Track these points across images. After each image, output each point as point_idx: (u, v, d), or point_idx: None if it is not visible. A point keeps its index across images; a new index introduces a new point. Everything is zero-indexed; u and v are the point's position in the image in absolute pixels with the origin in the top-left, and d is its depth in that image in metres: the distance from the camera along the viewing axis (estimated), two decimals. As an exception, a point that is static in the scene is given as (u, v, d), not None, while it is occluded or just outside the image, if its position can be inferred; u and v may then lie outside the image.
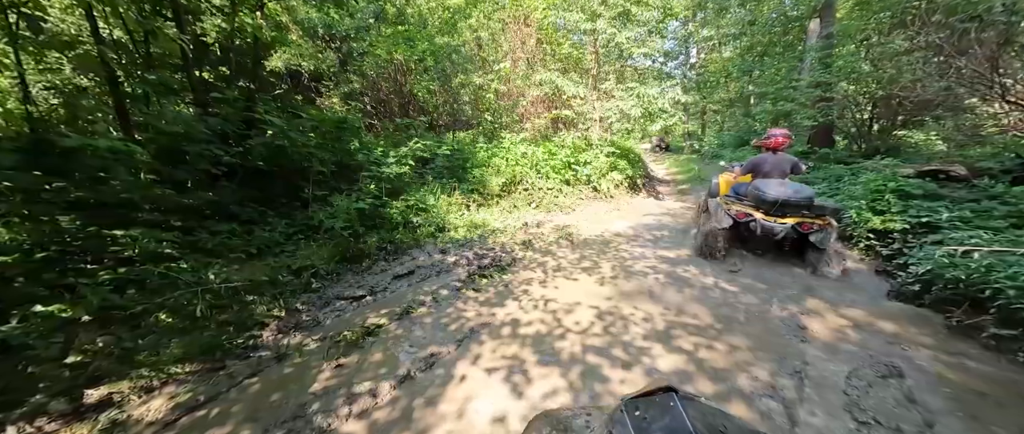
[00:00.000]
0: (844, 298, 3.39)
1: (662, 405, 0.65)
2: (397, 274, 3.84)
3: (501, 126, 10.34)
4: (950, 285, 3.08)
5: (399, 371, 2.23)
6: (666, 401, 0.66)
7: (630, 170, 9.04)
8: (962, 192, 4.63)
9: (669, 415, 0.63)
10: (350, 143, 5.20)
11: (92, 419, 1.78)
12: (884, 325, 2.93)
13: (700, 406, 0.67)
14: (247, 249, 3.45)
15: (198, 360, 2.19)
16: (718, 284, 3.61)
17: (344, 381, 2.12)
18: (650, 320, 2.96)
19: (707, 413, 0.66)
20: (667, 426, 0.61)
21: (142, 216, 2.85)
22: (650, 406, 0.65)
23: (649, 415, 0.64)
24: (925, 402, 2.01)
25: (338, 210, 4.21)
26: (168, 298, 2.39)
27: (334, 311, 3.02)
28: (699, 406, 0.67)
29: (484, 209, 6.53)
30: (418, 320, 2.90)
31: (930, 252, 3.49)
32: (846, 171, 6.86)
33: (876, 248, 4.38)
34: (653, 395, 0.68)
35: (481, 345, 2.57)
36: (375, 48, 9.87)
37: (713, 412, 0.67)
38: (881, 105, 7.98)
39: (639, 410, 0.65)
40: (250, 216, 3.98)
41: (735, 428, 0.64)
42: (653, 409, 0.65)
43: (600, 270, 4.04)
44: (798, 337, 2.77)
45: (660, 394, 0.68)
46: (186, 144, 3.71)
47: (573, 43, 11.02)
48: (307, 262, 3.45)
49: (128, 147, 2.48)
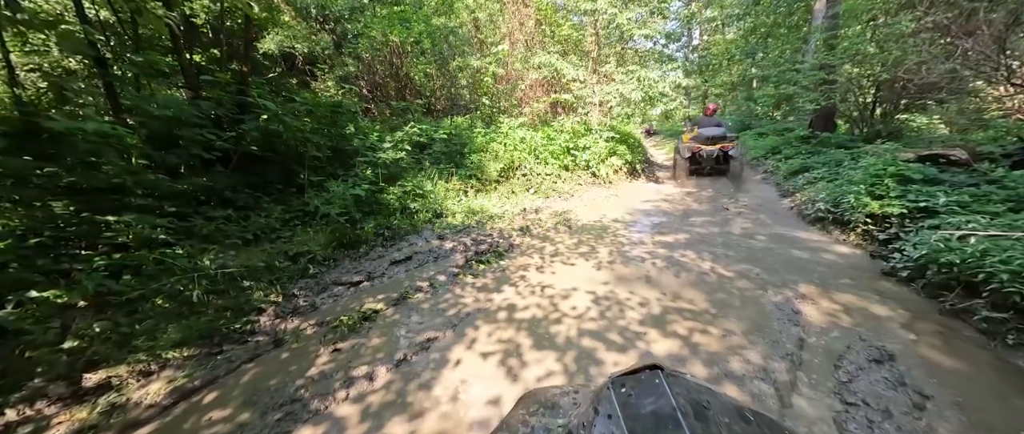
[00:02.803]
0: (839, 282, 3.41)
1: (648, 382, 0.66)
2: (394, 260, 3.85)
3: (499, 110, 10.21)
4: (944, 269, 3.10)
5: (396, 355, 2.25)
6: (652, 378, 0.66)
7: (629, 155, 8.97)
8: (962, 177, 4.61)
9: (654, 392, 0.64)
10: (345, 128, 5.12)
11: (91, 402, 1.80)
12: (877, 309, 2.95)
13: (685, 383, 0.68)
14: (243, 235, 3.44)
15: (195, 345, 2.21)
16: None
17: (341, 365, 2.14)
18: (646, 305, 2.98)
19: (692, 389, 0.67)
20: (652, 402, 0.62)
21: (135, 201, 2.82)
22: (636, 383, 0.66)
23: (635, 392, 0.65)
24: (917, 385, 2.04)
25: (334, 196, 4.18)
26: (164, 284, 2.40)
27: (331, 296, 3.03)
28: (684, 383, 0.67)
29: (482, 195, 6.50)
30: (415, 305, 2.91)
31: (926, 236, 3.49)
32: (846, 156, 6.82)
33: (873, 233, 4.38)
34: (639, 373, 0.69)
35: (477, 330, 2.59)
36: (370, 29, 9.65)
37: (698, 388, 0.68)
38: (885, 88, 7.86)
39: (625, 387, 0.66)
40: (245, 202, 3.95)
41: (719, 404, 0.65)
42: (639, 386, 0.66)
43: (597, 255, 4.05)
44: (792, 321, 2.79)
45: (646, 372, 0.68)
46: (178, 128, 3.65)
47: (573, 24, 10.78)
48: (304, 248, 3.45)
49: (116, 131, 2.44)
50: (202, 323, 2.30)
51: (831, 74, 8.20)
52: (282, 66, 10.07)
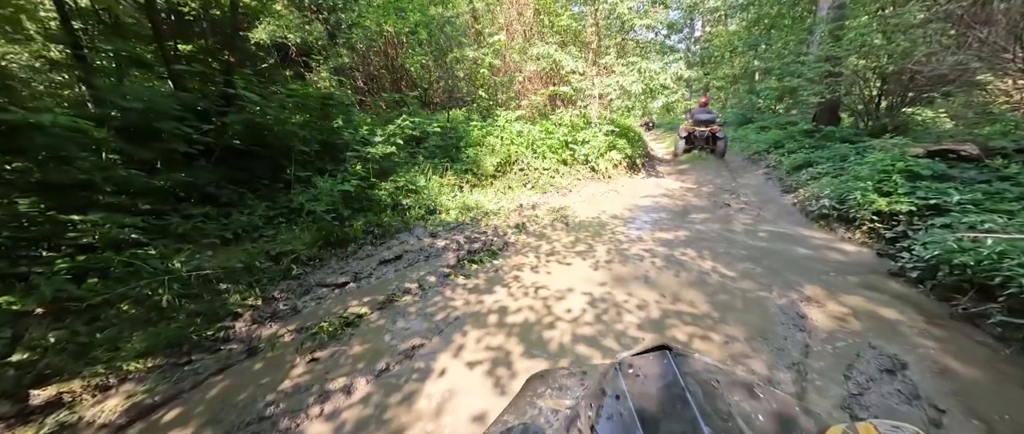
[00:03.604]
0: (845, 283, 3.27)
1: (656, 362, 0.66)
2: (383, 259, 3.70)
3: (497, 103, 9.99)
4: (957, 271, 2.96)
5: (377, 365, 2.11)
6: (660, 358, 0.67)
7: (629, 149, 8.78)
8: (973, 173, 4.45)
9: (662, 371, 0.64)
10: (336, 121, 4.93)
11: (38, 422, 1.65)
12: (886, 312, 2.82)
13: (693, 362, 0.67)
14: (223, 233, 3.27)
15: (162, 354, 2.06)
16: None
17: (317, 377, 2.00)
18: (645, 308, 2.84)
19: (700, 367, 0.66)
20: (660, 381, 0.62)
21: (103, 199, 2.66)
22: (644, 364, 0.66)
23: (643, 372, 0.65)
24: (931, 398, 1.91)
25: (321, 192, 4.01)
26: (132, 287, 2.24)
27: (314, 299, 2.89)
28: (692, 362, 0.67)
29: (478, 190, 6.34)
30: (402, 309, 2.77)
31: (938, 236, 3.35)
32: (851, 150, 6.64)
33: (879, 231, 4.23)
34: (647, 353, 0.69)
35: (465, 335, 2.45)
36: (364, 19, 9.39)
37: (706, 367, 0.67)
38: (891, 81, 7.66)
39: (633, 368, 0.66)
40: (229, 198, 3.78)
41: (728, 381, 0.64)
42: (646, 366, 0.66)
43: (595, 254, 3.90)
44: (797, 326, 2.66)
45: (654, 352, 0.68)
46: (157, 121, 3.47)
47: (572, 14, 10.50)
48: (287, 247, 3.29)
49: (77, 124, 2.27)
50: (171, 330, 2.15)
51: (837, 66, 7.98)
52: (275, 57, 9.83)
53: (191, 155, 3.94)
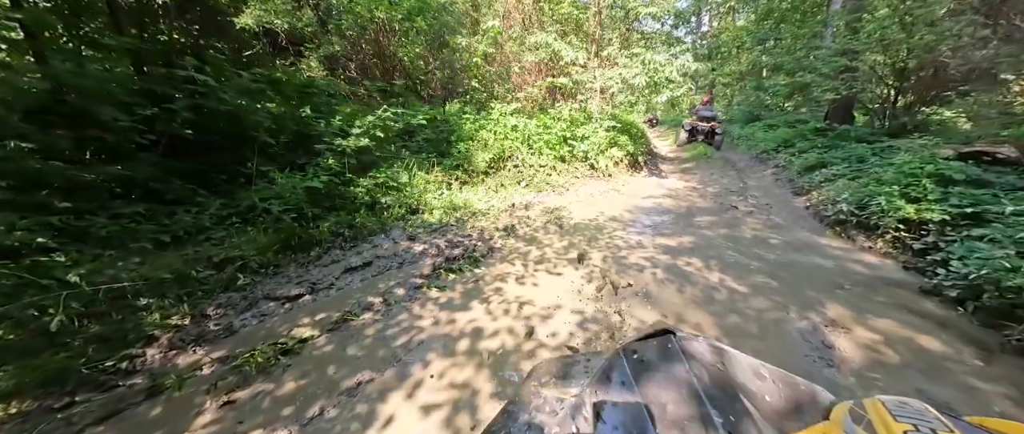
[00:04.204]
0: (873, 303, 2.85)
1: (660, 347, 0.66)
2: (350, 266, 3.28)
3: (492, 95, 9.51)
4: (1010, 294, 2.54)
5: (309, 410, 1.69)
6: (664, 343, 0.67)
7: (631, 146, 8.32)
8: (1012, 178, 4.01)
9: (666, 355, 0.64)
10: (303, 109, 4.48)
11: None
12: (926, 342, 2.40)
13: (698, 345, 0.67)
14: (160, 236, 2.86)
15: (37, 394, 1.66)
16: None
17: (228, 428, 1.59)
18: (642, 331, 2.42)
19: (705, 350, 0.66)
20: (664, 365, 0.63)
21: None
22: (649, 349, 0.67)
23: (647, 357, 0.65)
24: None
25: (283, 188, 3.59)
26: (16, 305, 1.83)
27: (257, 316, 2.47)
28: (697, 345, 0.67)
29: (468, 188, 5.90)
30: (357, 331, 2.35)
31: (983, 251, 2.92)
32: (868, 151, 6.18)
33: (905, 240, 3.81)
34: (651, 339, 0.69)
35: (426, 367, 2.03)
36: (355, 4, 8.89)
37: (712, 349, 0.67)
38: (912, 77, 7.17)
39: (637, 353, 0.66)
40: (177, 195, 3.35)
41: (734, 364, 0.64)
42: (651, 351, 0.66)
43: (589, 262, 3.48)
44: (824, 358, 2.24)
45: (658, 337, 0.69)
46: (93, 105, 3.04)
47: (573, 2, 9.99)
48: (235, 252, 2.87)
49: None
50: (56, 361, 1.74)
51: (854, 60, 7.48)
52: (264, 43, 9.37)
53: (141, 145, 3.51)
